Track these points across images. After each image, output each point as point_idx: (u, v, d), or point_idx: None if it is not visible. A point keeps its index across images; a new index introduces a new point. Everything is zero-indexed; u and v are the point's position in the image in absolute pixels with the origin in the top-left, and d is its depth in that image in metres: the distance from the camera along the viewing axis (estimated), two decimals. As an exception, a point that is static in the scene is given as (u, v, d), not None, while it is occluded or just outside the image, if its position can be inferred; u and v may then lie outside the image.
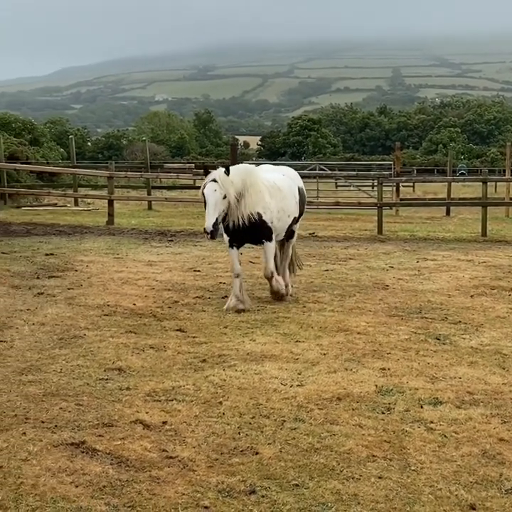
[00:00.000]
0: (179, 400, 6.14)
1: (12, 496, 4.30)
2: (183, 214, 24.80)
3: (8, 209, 24.01)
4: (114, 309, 9.62)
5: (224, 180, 9.30)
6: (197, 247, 16.43)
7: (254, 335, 8.41)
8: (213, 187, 9.30)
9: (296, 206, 10.62)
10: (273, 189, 10.03)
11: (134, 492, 4.44)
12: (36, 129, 48.46)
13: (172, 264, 13.74)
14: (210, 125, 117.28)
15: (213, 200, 9.26)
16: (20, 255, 14.16)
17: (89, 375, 6.81)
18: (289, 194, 10.41)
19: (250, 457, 5.01)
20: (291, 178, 10.89)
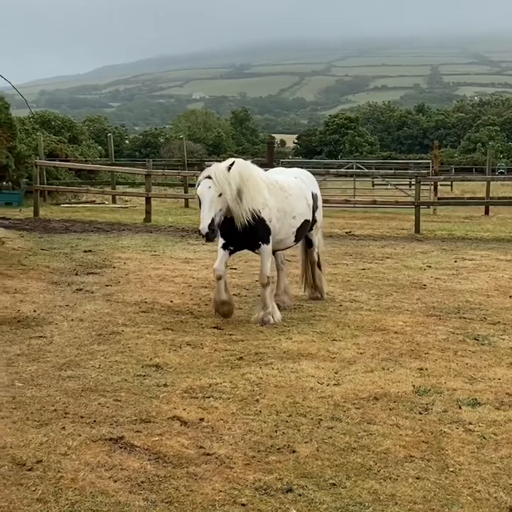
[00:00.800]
0: (216, 397, 6.16)
1: (52, 490, 4.35)
2: (220, 212, 24.80)
3: (47, 206, 24.30)
4: (151, 306, 9.68)
5: (219, 177, 8.49)
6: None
7: (291, 333, 8.41)
8: (207, 184, 8.52)
9: (306, 209, 9.80)
10: (273, 186, 9.26)
11: (171, 488, 4.47)
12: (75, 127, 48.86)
13: (209, 261, 13.76)
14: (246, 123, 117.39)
15: (208, 199, 8.43)
16: (59, 252, 14.32)
17: (127, 371, 6.86)
18: (296, 194, 9.63)
19: (287, 455, 5.01)
20: (304, 180, 10.22)
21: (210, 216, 8.35)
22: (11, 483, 4.43)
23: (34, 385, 6.37)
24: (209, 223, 8.32)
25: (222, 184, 8.46)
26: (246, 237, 8.98)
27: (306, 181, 10.24)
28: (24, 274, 11.40)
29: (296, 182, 9.91)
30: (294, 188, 9.70)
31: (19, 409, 5.73)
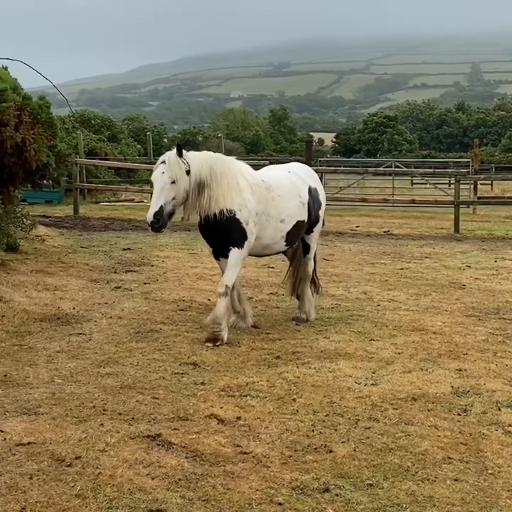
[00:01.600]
0: (253, 396, 6.17)
1: (90, 486, 4.39)
2: (258, 210, 24.83)
3: (87, 204, 24.55)
4: (189, 304, 9.72)
5: (173, 162, 7.66)
6: (271, 243, 16.43)
7: (328, 333, 8.39)
8: (161, 169, 7.70)
9: (300, 208, 8.70)
10: (258, 187, 8.22)
11: (208, 486, 4.48)
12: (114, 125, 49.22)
13: (246, 260, 13.74)
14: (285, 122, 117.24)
15: (159, 185, 7.63)
16: (98, 249, 14.45)
17: (164, 369, 6.90)
18: (286, 194, 8.55)
19: (324, 455, 5.00)
20: (299, 174, 9.03)
21: (158, 204, 7.54)
22: (50, 479, 4.48)
23: (73, 381, 6.44)
24: (155, 211, 7.50)
25: (176, 170, 7.63)
26: (221, 237, 8.09)
27: (303, 175, 9.08)
28: (64, 272, 11.52)
29: (289, 178, 8.82)
30: (285, 186, 8.61)
31: (58, 406, 5.80)
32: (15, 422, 5.37)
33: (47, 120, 11.17)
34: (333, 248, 15.74)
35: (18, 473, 4.53)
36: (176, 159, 7.69)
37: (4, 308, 8.77)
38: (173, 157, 7.70)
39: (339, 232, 18.84)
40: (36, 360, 7.06)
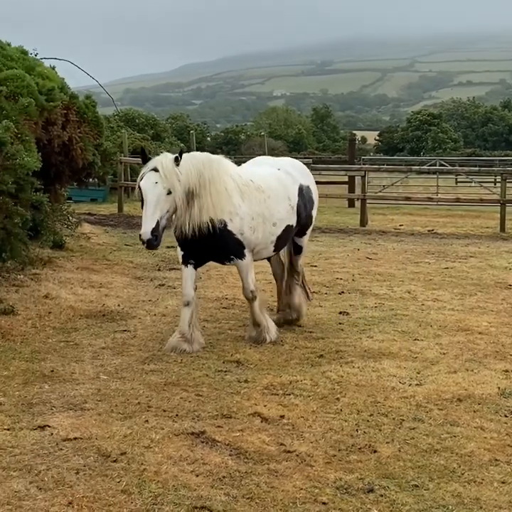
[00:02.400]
0: (296, 395, 6.16)
1: (136, 482, 4.43)
2: (300, 209, 24.79)
3: (131, 202, 24.69)
4: (232, 302, 9.75)
5: (168, 170, 6.87)
6: (314, 242, 16.39)
7: (372, 332, 8.34)
8: (153, 178, 6.86)
9: (289, 212, 8.04)
10: (247, 188, 7.53)
11: (252, 484, 4.49)
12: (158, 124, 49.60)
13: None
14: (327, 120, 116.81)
15: (153, 197, 6.80)
16: (142, 247, 14.52)
17: (208, 366, 6.93)
18: (276, 195, 7.86)
19: (368, 455, 4.97)
20: (290, 172, 8.31)
21: (154, 218, 6.79)
22: (96, 474, 4.53)
23: (118, 378, 6.50)
24: (153, 227, 6.77)
25: (173, 180, 6.88)
26: (211, 249, 7.44)
27: (294, 173, 8.37)
28: (109, 269, 11.64)
29: (278, 177, 8.10)
30: (275, 187, 7.91)
31: (104, 402, 5.86)
32: (61, 418, 5.44)
33: (93, 119, 11.30)
34: (377, 247, 15.65)
35: (64, 468, 4.59)
36: (172, 168, 6.91)
37: (51, 304, 8.89)
38: (169, 165, 6.91)
39: (382, 230, 18.73)
40: (82, 356, 7.15)
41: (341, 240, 16.77)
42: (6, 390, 6.03)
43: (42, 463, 4.66)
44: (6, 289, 9.08)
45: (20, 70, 9.99)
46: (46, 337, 7.76)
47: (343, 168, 25.22)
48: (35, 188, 8.60)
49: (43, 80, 10.50)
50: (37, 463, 4.66)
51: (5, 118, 8.40)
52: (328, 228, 19.08)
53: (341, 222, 20.71)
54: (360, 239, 17.04)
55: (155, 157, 7.09)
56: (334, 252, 14.77)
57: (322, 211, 23.78)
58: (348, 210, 24.44)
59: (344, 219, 21.51)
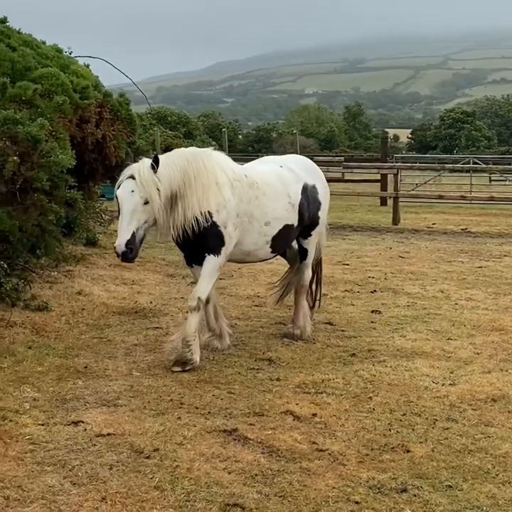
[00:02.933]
0: (328, 393, 6.14)
1: (168, 479, 4.45)
2: (331, 207, 24.43)
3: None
4: (263, 300, 9.74)
5: (146, 178, 6.35)
6: (345, 240, 16.38)
7: (404, 331, 8.29)
8: (130, 187, 6.37)
9: (289, 210, 7.53)
10: (239, 183, 7.05)
11: (285, 482, 4.48)
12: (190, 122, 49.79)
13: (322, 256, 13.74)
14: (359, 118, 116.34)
15: (129, 207, 6.33)
16: (174, 245, 14.57)
17: (240, 364, 6.94)
18: (272, 192, 7.38)
19: (401, 455, 4.94)
20: (293, 169, 7.80)
21: (130, 230, 6.31)
22: (129, 470, 4.56)
23: (151, 374, 6.53)
24: (128, 239, 6.28)
25: (150, 189, 6.36)
26: (198, 244, 6.93)
27: (298, 170, 7.85)
28: (141, 266, 11.69)
29: (278, 174, 7.61)
30: (272, 183, 7.44)
31: (137, 398, 5.89)
32: (95, 413, 5.48)
33: (126, 117, 11.35)
34: (409, 246, 15.55)
35: (98, 464, 4.62)
36: (150, 176, 6.38)
37: (84, 301, 8.95)
38: (146, 173, 6.38)
39: (415, 229, 18.59)
40: (115, 352, 7.19)
41: (373, 239, 16.69)
42: (41, 386, 6.08)
43: (76, 458, 4.70)
44: (40, 286, 9.17)
45: (55, 68, 10.05)
46: (80, 333, 7.82)
47: (375, 166, 25.06)
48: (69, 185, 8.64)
49: (78, 78, 10.55)
50: (71, 458, 4.70)
51: (40, 116, 8.46)
52: (360, 226, 19.00)
53: (373, 220, 20.60)
54: (392, 237, 16.95)
55: (132, 164, 6.58)
56: (366, 250, 14.70)
57: (354, 209, 23.79)
58: (380, 208, 24.31)
59: (376, 217, 21.40)
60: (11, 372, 6.36)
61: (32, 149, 8.03)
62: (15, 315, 7.83)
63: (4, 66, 9.45)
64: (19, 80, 9.24)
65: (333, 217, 20.94)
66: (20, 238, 8.10)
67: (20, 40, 10.41)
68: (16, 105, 8.72)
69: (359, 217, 21.20)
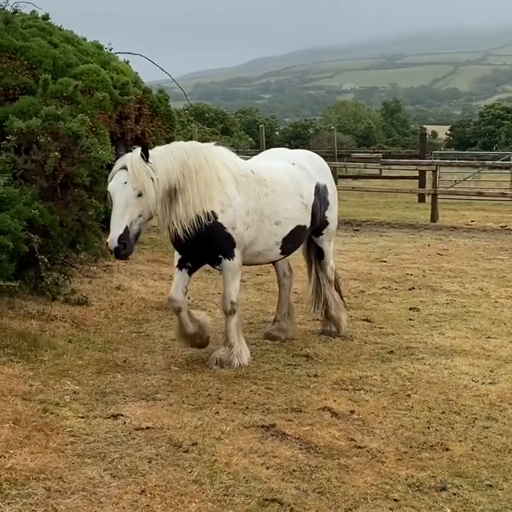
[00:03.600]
0: (366, 390, 6.13)
1: (207, 473, 4.47)
2: (369, 204, 24.63)
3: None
4: (301, 296, 9.71)
5: (138, 169, 5.91)
6: (383, 237, 16.29)
7: (443, 329, 8.23)
8: (123, 178, 5.94)
9: (302, 211, 7.17)
10: (244, 179, 6.62)
11: (323, 478, 4.48)
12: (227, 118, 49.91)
13: (358, 253, 13.71)
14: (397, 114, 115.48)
15: (121, 200, 5.89)
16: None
17: (277, 360, 6.95)
18: (283, 190, 6.98)
19: (440, 453, 4.91)
20: (305, 167, 7.39)
21: (122, 225, 5.85)
22: (168, 464, 4.59)
23: (189, 369, 6.57)
24: (120, 234, 5.83)
25: (143, 179, 5.91)
26: (201, 248, 6.54)
27: (309, 168, 7.45)
28: (179, 262, 11.73)
29: (290, 172, 7.22)
30: (283, 181, 7.05)
31: (175, 392, 5.93)
32: (134, 407, 5.53)
33: (165, 113, 11.42)
34: (448, 243, 15.42)
35: (137, 457, 4.66)
36: (141, 165, 5.94)
37: (123, 296, 9.03)
38: (138, 162, 5.94)
39: (454, 226, 18.42)
40: (153, 347, 7.24)
41: (411, 236, 16.57)
42: (81, 379, 6.15)
43: (115, 451, 4.74)
44: (79, 280, 9.26)
45: (95, 64, 10.16)
46: (118, 327, 7.89)
47: (413, 162, 24.84)
48: (108, 180, 8.73)
49: (118, 75, 10.66)
50: (110, 451, 4.75)
51: (80, 112, 8.56)
52: (397, 223, 18.89)
53: (411, 217, 20.46)
54: (430, 234, 16.81)
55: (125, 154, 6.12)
56: (404, 247, 14.61)
57: (391, 206, 23.65)
58: (418, 205, 24.12)
59: (414, 214, 21.25)
60: (52, 365, 6.44)
61: (73, 145, 8.12)
62: (55, 309, 7.93)
63: (46, 63, 9.57)
64: (60, 77, 9.36)
65: (371, 214, 20.89)
66: (61, 233, 8.21)
67: (61, 36, 10.54)
68: (57, 101, 8.83)
69: (397, 214, 21.08)
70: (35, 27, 10.51)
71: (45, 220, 7.84)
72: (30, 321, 7.49)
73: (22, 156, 8.26)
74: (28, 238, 7.46)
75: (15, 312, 7.63)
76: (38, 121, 8.22)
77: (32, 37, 10.05)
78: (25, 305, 7.88)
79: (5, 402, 5.37)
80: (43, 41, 9.95)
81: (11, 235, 7.20)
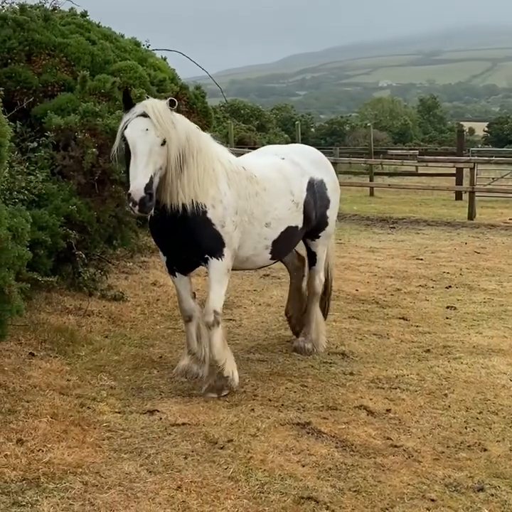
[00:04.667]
0: (403, 389, 6.08)
1: (243, 470, 4.47)
2: (405, 201, 24.46)
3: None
4: (336, 294, 9.68)
5: (161, 115, 5.34)
6: (419, 234, 16.17)
7: (481, 327, 8.14)
8: (143, 125, 5.31)
9: (292, 210, 6.48)
10: (236, 175, 6.02)
11: (359, 477, 4.46)
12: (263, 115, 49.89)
13: (394, 251, 13.63)
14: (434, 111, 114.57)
15: (146, 147, 5.27)
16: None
17: (313, 357, 6.93)
18: (274, 188, 6.35)
19: (478, 453, 4.86)
20: (297, 162, 6.74)
21: (147, 174, 5.23)
22: (204, 460, 4.60)
23: (224, 366, 6.55)
24: (146, 183, 5.19)
25: (167, 126, 5.35)
26: (186, 246, 5.88)
27: (303, 163, 6.79)
28: (214, 258, 11.75)
29: (279, 168, 6.57)
30: (273, 178, 6.40)
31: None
32: (170, 403, 5.55)
33: (202, 109, 11.43)
34: (485, 241, 15.25)
35: (173, 453, 4.68)
36: (166, 112, 5.38)
37: (159, 292, 9.07)
38: (162, 109, 5.37)
39: (491, 224, 18.21)
40: (189, 343, 7.25)
41: (448, 233, 16.42)
42: (117, 375, 6.19)
43: (151, 446, 4.76)
44: (116, 276, 9.32)
45: (133, 61, 10.21)
46: (154, 323, 7.92)
47: (451, 160, 24.62)
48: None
49: (155, 71, 10.70)
50: (147, 446, 4.77)
51: (118, 108, 8.59)
52: (434, 221, 18.72)
53: (448, 215, 20.27)
54: (467, 232, 16.65)
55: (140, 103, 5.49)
56: (441, 245, 14.48)
57: (428, 203, 23.46)
58: (455, 202, 23.90)
59: (451, 212, 21.05)
60: (89, 360, 6.49)
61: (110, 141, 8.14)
62: (92, 304, 7.99)
63: (84, 59, 9.64)
64: (98, 73, 9.42)
65: (407, 212, 20.74)
66: (98, 229, 8.27)
67: (99, 33, 10.60)
68: (95, 98, 8.89)
69: (433, 212, 20.90)
70: (74, 24, 10.58)
71: (82, 215, 7.91)
72: (68, 316, 7.56)
73: (60, 152, 8.34)
74: (65, 234, 7.53)
75: (52, 307, 7.70)
76: (76, 118, 8.29)
77: (70, 34, 10.13)
78: (62, 300, 7.95)
79: (43, 397, 5.43)
80: (82, 38, 10.02)
81: (49, 230, 7.27)
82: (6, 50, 9.58)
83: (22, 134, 8.61)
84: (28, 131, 8.78)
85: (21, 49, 9.60)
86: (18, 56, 9.57)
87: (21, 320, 6.70)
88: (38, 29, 9.77)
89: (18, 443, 4.60)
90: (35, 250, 6.64)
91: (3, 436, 4.66)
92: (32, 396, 5.43)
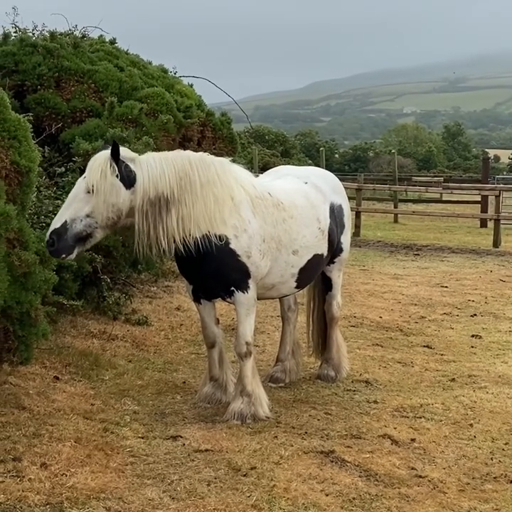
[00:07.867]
0: (428, 418, 6.03)
1: (266, 498, 4.44)
2: (430, 228, 24.37)
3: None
4: (360, 321, 9.66)
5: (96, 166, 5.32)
6: (444, 262, 16.09)
7: (506, 357, 8.07)
8: (85, 172, 5.45)
9: (319, 238, 6.38)
10: (261, 202, 5.89)
11: (383, 507, 4.41)
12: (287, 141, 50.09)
13: (418, 278, 13.56)
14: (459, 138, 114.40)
15: (73, 192, 5.38)
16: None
17: (337, 385, 6.90)
18: (302, 215, 6.24)
19: (504, 485, 4.80)
20: (319, 187, 6.63)
21: (61, 219, 5.26)
22: (227, 487, 4.57)
23: (248, 392, 6.53)
24: (55, 228, 5.24)
25: (95, 177, 5.27)
26: (210, 278, 5.81)
27: (324, 187, 6.70)
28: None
29: (305, 194, 6.43)
30: (301, 205, 6.28)
31: (234, 415, 5.90)
32: (193, 429, 5.54)
33: (228, 136, 11.51)
34: (511, 269, 15.13)
35: (196, 479, 4.66)
36: (103, 162, 5.33)
37: (183, 317, 9.09)
38: (100, 158, 5.38)
39: (517, 252, 18.10)
40: (212, 369, 7.24)
41: (473, 261, 16.33)
42: (140, 399, 6.20)
43: (174, 472, 4.75)
44: (140, 300, 9.36)
45: (160, 87, 10.33)
46: (178, 348, 7.93)
47: (476, 187, 24.53)
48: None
49: (182, 98, 10.81)
50: (170, 472, 4.76)
51: (145, 134, 8.70)
52: (459, 248, 18.62)
53: (473, 242, 20.17)
54: (492, 260, 16.54)
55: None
56: (465, 273, 14.40)
57: (452, 231, 23.36)
58: (479, 230, 23.78)
59: (476, 239, 20.94)
60: (113, 384, 6.51)
61: (137, 167, 8.23)
62: (116, 328, 8.02)
63: (112, 86, 9.77)
64: (126, 100, 9.54)
65: (432, 239, 20.67)
66: (123, 253, 8.31)
67: (127, 60, 10.74)
68: (122, 124, 8.98)
69: (458, 239, 20.80)
70: (103, 51, 10.75)
71: (108, 240, 7.95)
72: (92, 340, 7.59)
73: (87, 177, 8.40)
74: (91, 258, 7.57)
75: (77, 331, 7.74)
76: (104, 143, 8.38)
77: (99, 61, 10.28)
78: (87, 324, 7.99)
79: (67, 421, 5.45)
80: (110, 65, 10.17)
81: (76, 254, 7.31)
82: (35, 76, 9.76)
83: (50, 159, 8.71)
84: (56, 156, 8.89)
85: (51, 75, 9.79)
86: (48, 82, 9.74)
87: (46, 343, 6.73)
88: (68, 56, 9.94)
89: (42, 467, 4.61)
90: (61, 274, 6.67)
91: (27, 460, 4.68)
92: (56, 420, 5.45)
